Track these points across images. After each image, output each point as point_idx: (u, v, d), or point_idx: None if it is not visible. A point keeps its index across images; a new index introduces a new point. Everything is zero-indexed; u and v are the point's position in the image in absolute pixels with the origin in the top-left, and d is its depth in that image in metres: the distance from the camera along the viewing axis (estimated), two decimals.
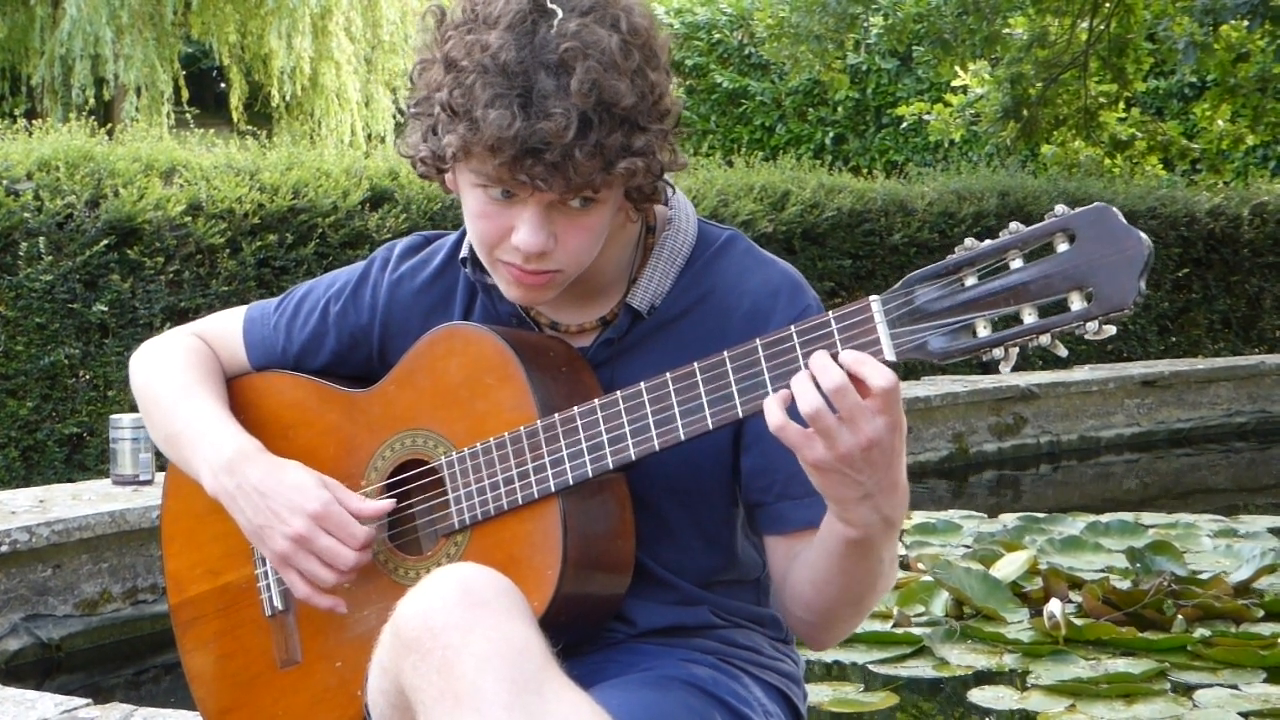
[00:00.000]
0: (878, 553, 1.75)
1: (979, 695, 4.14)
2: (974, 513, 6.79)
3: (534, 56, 1.71)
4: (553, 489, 1.81)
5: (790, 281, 1.95)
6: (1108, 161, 13.57)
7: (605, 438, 1.79)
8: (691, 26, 18.40)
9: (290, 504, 1.89)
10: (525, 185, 1.75)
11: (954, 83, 13.46)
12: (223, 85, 19.27)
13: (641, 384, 1.77)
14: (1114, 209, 1.53)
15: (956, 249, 1.62)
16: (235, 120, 16.53)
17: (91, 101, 14.66)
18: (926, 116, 13.88)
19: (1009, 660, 4.40)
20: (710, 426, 1.73)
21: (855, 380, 1.61)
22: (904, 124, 16.11)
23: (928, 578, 5.04)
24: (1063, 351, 1.58)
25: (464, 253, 2.01)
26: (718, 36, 18.41)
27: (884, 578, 1.82)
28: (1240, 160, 15.82)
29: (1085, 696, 4.05)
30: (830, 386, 1.60)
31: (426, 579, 1.67)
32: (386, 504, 1.92)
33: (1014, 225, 1.59)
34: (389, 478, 1.96)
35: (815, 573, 1.82)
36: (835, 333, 1.65)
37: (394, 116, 17.15)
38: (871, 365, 1.61)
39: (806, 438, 1.63)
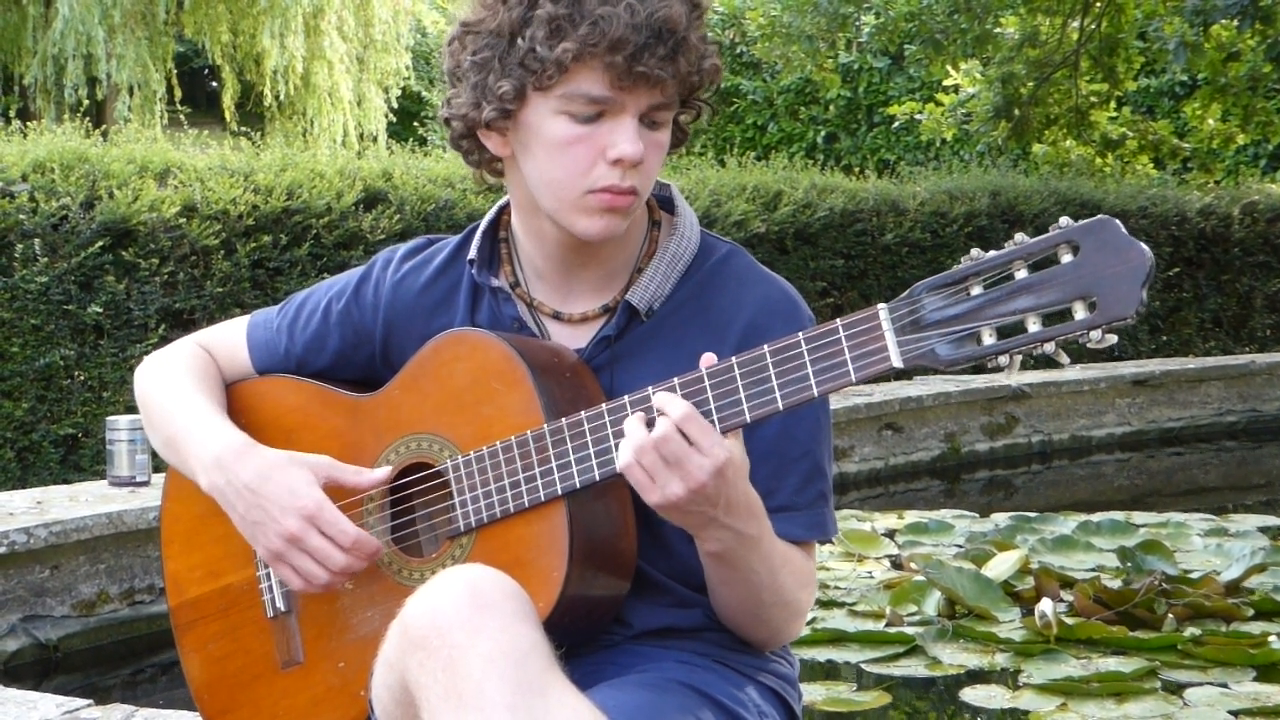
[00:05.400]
0: (746, 564, 1.84)
1: (971, 694, 4.17)
2: (966, 512, 6.81)
3: None
4: (559, 492, 1.84)
5: (788, 299, 1.99)
6: (1099, 161, 13.60)
7: (613, 441, 1.81)
8: None
9: (282, 504, 1.92)
10: (642, 80, 1.82)
11: (945, 82, 13.49)
12: (215, 84, 19.26)
13: (649, 388, 1.80)
14: (1116, 221, 1.57)
15: (963, 259, 1.66)
16: (227, 120, 16.53)
17: (84, 101, 14.65)
18: (918, 116, 13.90)
19: (1001, 659, 4.42)
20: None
21: (660, 413, 1.72)
22: (896, 123, 16.13)
23: (920, 577, 5.07)
24: (1065, 359, 1.62)
25: (471, 254, 2.03)
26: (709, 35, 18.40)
27: (767, 590, 1.88)
28: (1231, 159, 15.87)
29: (1076, 695, 4.08)
30: (658, 435, 1.71)
31: (435, 579, 1.70)
32: (383, 473, 1.96)
33: (1019, 236, 1.63)
34: (394, 481, 1.98)
35: (708, 582, 1.92)
36: (843, 340, 1.68)
37: (386, 116, 17.16)
38: (664, 397, 1.74)
39: (645, 476, 1.73)
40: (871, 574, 5.52)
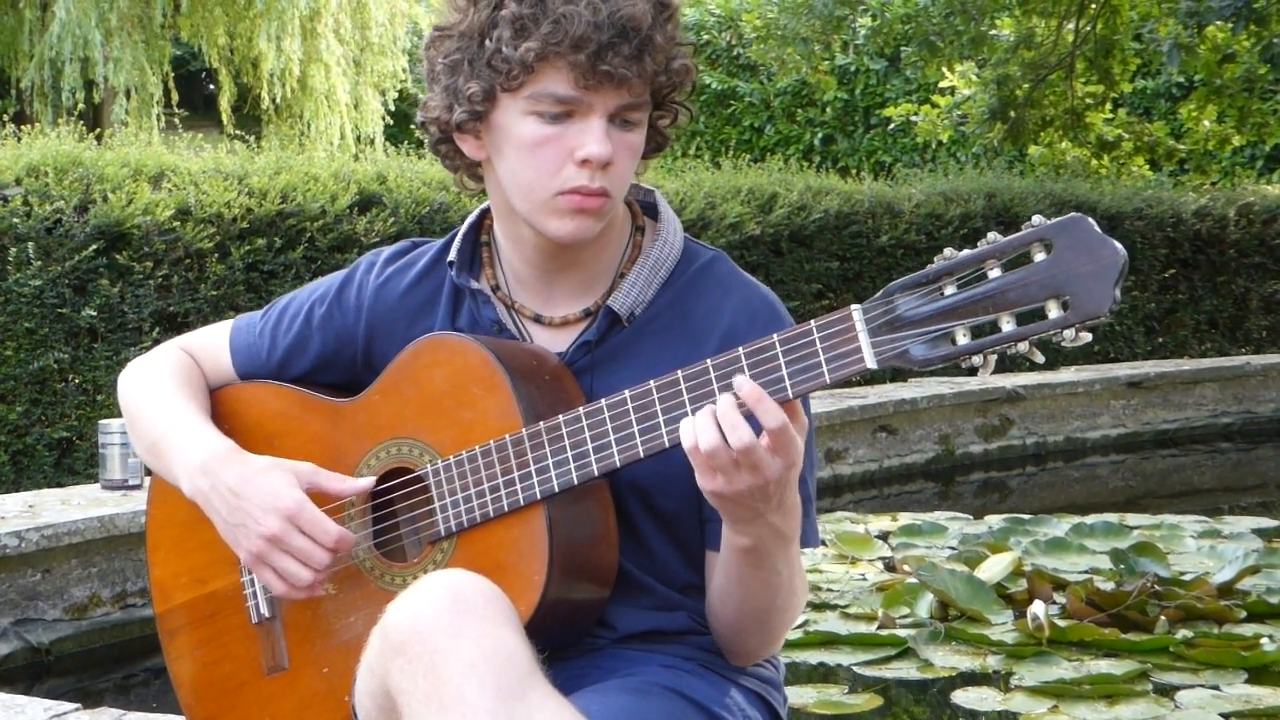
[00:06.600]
0: (772, 563, 1.83)
1: (963, 697, 4.17)
2: (960, 514, 6.81)
3: None
4: (538, 496, 1.84)
5: (768, 305, 1.99)
6: (1094, 162, 13.59)
7: (590, 445, 1.82)
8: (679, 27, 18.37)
9: (263, 504, 1.91)
10: (606, 79, 1.81)
11: (941, 84, 13.49)
12: (212, 87, 19.24)
13: (626, 392, 1.80)
14: (1089, 219, 1.57)
15: (936, 258, 1.66)
16: (224, 122, 16.51)
17: (81, 104, 14.64)
18: (914, 118, 13.90)
19: (993, 662, 4.42)
20: None
21: (749, 416, 1.68)
22: (892, 125, 16.13)
23: (913, 579, 5.07)
24: (1039, 357, 1.62)
25: (452, 256, 2.03)
26: (706, 37, 18.43)
27: (783, 592, 1.87)
28: (1227, 160, 15.86)
29: (1068, 697, 4.08)
30: (739, 445, 1.67)
31: (416, 584, 1.70)
32: (367, 482, 1.95)
33: (992, 235, 1.63)
34: (376, 486, 1.98)
35: (718, 584, 1.90)
36: (817, 341, 1.69)
37: (383, 119, 17.15)
38: (765, 404, 1.68)
39: (709, 468, 1.70)
40: (864, 576, 5.52)
